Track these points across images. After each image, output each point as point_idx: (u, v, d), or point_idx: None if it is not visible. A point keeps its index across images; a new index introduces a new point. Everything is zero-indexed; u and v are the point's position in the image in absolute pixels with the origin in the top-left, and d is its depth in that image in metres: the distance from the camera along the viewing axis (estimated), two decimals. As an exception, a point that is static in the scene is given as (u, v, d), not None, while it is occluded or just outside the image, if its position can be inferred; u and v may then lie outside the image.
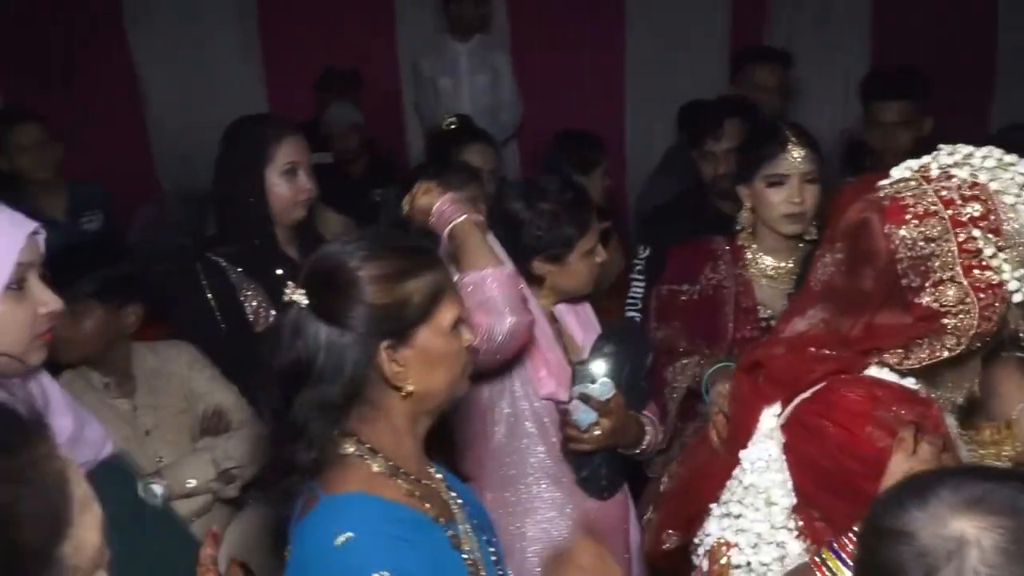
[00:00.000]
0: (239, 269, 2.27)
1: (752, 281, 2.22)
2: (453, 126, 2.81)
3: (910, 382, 1.39)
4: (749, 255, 2.24)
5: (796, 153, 2.13)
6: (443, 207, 1.85)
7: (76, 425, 1.38)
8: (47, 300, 1.30)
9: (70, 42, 4.52)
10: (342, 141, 4.08)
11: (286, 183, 2.27)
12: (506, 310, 1.74)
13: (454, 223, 1.82)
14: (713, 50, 4.76)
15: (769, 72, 3.56)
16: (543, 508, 1.97)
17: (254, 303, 2.28)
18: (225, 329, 2.26)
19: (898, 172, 1.37)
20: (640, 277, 2.81)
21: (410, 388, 1.26)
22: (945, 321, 1.32)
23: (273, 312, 2.26)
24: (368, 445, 1.27)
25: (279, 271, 2.28)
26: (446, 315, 1.29)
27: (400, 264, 1.27)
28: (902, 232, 1.32)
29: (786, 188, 2.14)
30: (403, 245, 1.32)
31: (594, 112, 4.64)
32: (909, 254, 1.31)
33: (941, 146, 1.38)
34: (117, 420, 2.01)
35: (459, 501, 1.38)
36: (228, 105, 4.54)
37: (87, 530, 0.77)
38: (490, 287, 1.74)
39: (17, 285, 1.26)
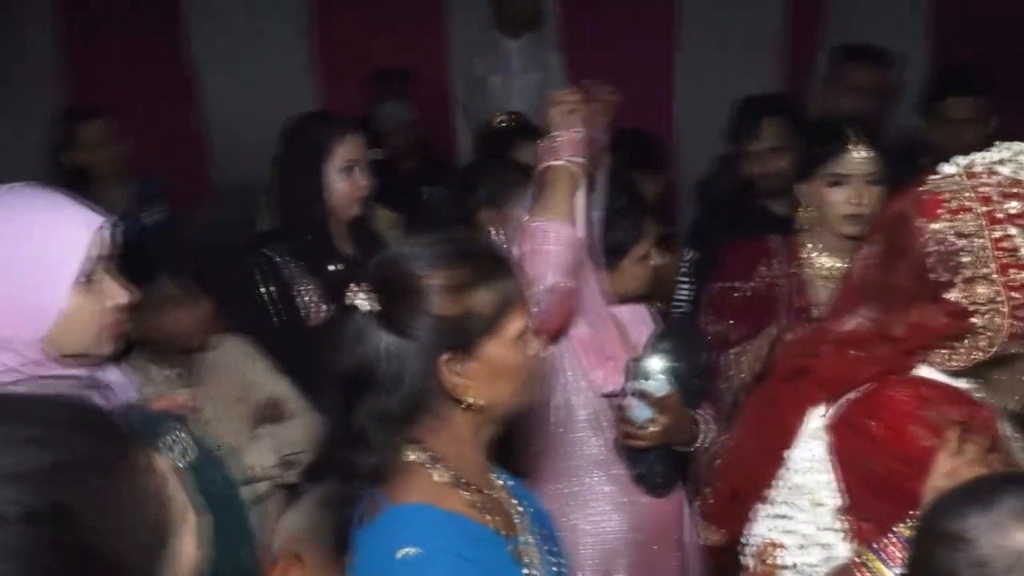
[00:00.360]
0: (294, 264, 2.32)
1: (807, 281, 2.19)
2: (503, 124, 2.82)
3: (963, 383, 1.38)
4: (805, 254, 2.21)
5: (859, 153, 2.09)
6: (565, 138, 1.77)
7: None
8: (116, 293, 1.33)
9: (130, 40, 4.62)
10: (393, 139, 4.11)
11: (344, 180, 2.31)
12: (555, 268, 1.70)
13: (556, 162, 1.75)
14: (768, 47, 4.70)
15: (865, 72, 3.30)
16: (597, 502, 1.96)
17: (307, 298, 2.32)
18: (279, 324, 2.31)
19: (946, 168, 1.36)
20: (686, 279, 2.78)
21: (471, 400, 1.23)
22: (974, 320, 1.30)
23: (326, 307, 2.31)
24: (432, 453, 1.24)
25: (334, 267, 2.32)
26: (513, 326, 1.24)
27: (468, 273, 1.22)
28: (933, 226, 1.31)
29: (847, 188, 2.11)
30: (473, 251, 1.28)
31: (643, 111, 4.59)
32: (938, 248, 1.30)
33: (997, 143, 1.37)
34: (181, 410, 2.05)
35: (520, 509, 1.35)
36: (281, 103, 4.60)
37: (185, 542, 0.75)
38: (551, 240, 1.70)
39: (87, 278, 1.28)
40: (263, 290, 2.30)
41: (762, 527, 1.46)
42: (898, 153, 3.18)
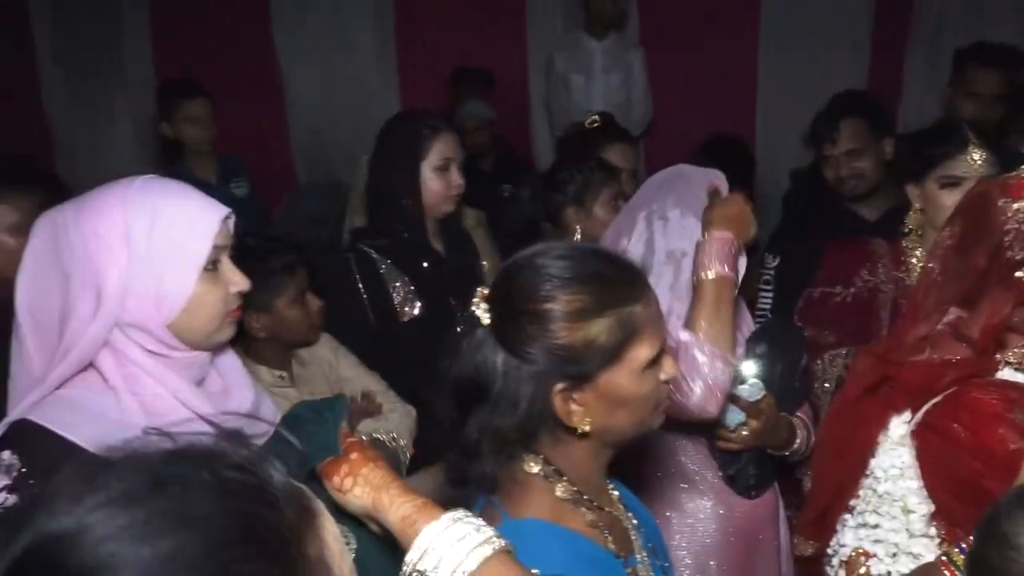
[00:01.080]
0: (388, 261, 2.35)
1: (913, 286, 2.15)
2: (596, 124, 2.82)
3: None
4: (912, 259, 2.16)
5: (976, 155, 2.03)
6: (721, 241, 1.64)
7: (256, 398, 1.46)
8: (237, 280, 1.37)
9: (217, 40, 4.76)
10: (473, 137, 4.15)
11: (439, 178, 2.34)
12: (693, 395, 1.63)
13: (712, 273, 1.63)
14: (854, 44, 4.58)
15: (990, 77, 3.10)
16: (690, 502, 1.95)
17: (398, 295, 2.36)
18: (373, 320, 2.34)
19: None
20: (768, 287, 2.74)
21: (586, 429, 1.16)
22: None
23: (418, 304, 2.35)
24: (553, 467, 1.19)
25: (425, 264, 2.36)
26: (639, 354, 1.16)
27: (594, 297, 1.15)
28: (1016, 205, 1.30)
29: (961, 191, 2.04)
30: (601, 272, 1.18)
31: (726, 112, 4.56)
32: (1018, 227, 1.29)
33: None
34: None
35: (635, 522, 1.31)
36: (362, 102, 4.71)
37: None
38: (705, 369, 1.62)
39: (212, 266, 1.33)
40: (360, 287, 2.34)
41: (849, 537, 1.45)
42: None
